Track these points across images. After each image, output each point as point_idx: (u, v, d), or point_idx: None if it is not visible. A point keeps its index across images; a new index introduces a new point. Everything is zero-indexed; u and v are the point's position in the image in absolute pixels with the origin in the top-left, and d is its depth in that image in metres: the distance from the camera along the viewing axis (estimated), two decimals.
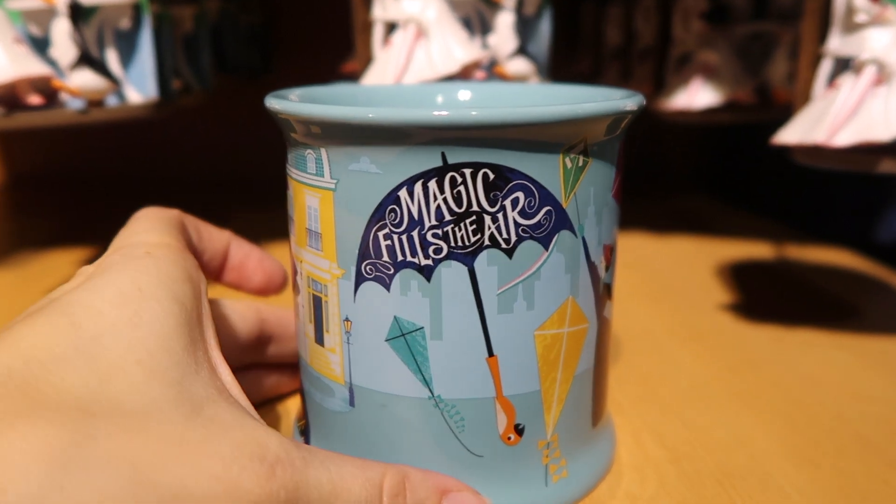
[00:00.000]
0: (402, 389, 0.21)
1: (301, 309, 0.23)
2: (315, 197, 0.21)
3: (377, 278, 0.20)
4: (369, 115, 0.18)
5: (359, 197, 0.20)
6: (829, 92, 0.28)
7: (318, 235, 0.21)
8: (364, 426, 0.21)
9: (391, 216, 0.19)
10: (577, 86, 0.26)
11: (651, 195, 0.64)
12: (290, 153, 0.22)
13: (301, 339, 0.23)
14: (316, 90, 0.25)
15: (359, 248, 0.20)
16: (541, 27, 0.37)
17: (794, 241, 0.50)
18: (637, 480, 0.24)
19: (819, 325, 0.36)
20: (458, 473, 0.21)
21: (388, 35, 0.35)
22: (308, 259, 0.21)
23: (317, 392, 0.23)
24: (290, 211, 0.22)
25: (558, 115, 0.18)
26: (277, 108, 0.20)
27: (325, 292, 0.21)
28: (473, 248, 0.19)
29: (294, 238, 0.22)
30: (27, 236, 0.52)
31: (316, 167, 0.20)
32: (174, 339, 0.18)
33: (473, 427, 0.21)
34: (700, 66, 0.44)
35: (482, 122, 0.18)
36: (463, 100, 0.28)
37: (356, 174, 0.19)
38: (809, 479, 0.24)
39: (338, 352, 0.21)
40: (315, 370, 0.22)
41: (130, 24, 0.35)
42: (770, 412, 0.28)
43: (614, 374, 0.31)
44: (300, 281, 0.22)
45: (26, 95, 0.31)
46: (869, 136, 0.26)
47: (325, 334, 0.22)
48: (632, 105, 0.20)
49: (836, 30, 0.28)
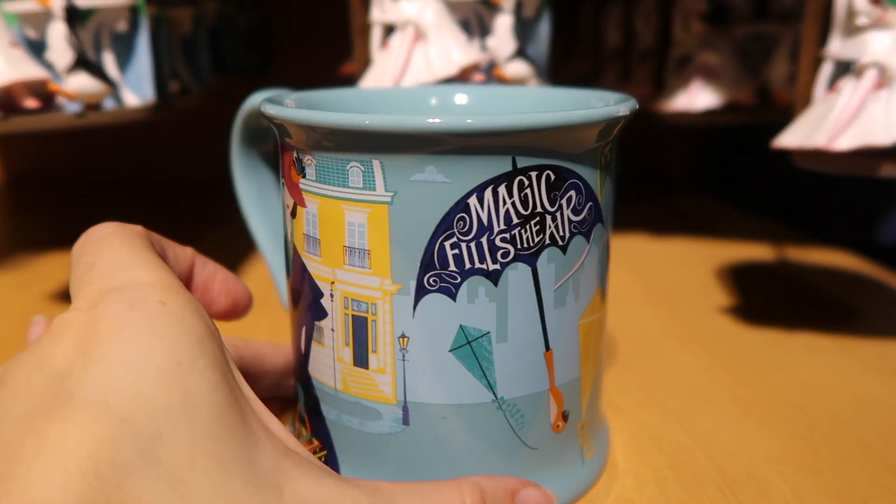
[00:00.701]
0: (464, 398, 0.21)
1: (329, 333, 0.21)
2: (361, 212, 0.19)
3: (442, 289, 0.20)
4: (467, 121, 0.18)
5: (422, 208, 0.19)
6: (829, 95, 0.28)
7: (364, 253, 0.20)
8: (419, 443, 0.21)
9: (459, 224, 0.19)
10: (577, 89, 0.26)
11: (651, 196, 0.64)
12: (311, 166, 0.20)
13: (321, 365, 0.22)
14: (312, 95, 0.25)
15: (421, 260, 0.19)
16: (540, 29, 0.37)
17: (794, 242, 0.50)
18: (635, 486, 0.24)
19: (819, 328, 0.36)
20: (516, 468, 0.21)
21: (387, 37, 0.35)
22: (347, 279, 0.20)
23: (353, 418, 0.21)
24: (309, 230, 0.21)
25: (617, 113, 0.20)
26: (321, 120, 0.19)
27: (374, 311, 0.20)
28: (536, 249, 0.20)
29: (320, 259, 0.21)
30: (25, 237, 0.52)
31: (364, 180, 0.19)
32: (230, 414, 0.16)
33: (530, 421, 0.21)
34: (700, 67, 0.43)
35: (555, 123, 0.19)
36: (460, 103, 0.28)
37: (419, 185, 0.19)
38: (811, 485, 0.24)
39: (389, 371, 0.21)
40: (352, 395, 0.21)
41: (127, 27, 0.35)
42: (770, 416, 0.28)
43: (612, 378, 0.31)
44: (329, 304, 0.21)
45: (22, 99, 0.31)
46: (870, 140, 0.26)
47: (370, 356, 0.21)
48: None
49: (837, 32, 0.28)
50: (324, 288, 0.21)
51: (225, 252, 0.49)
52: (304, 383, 0.23)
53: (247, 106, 0.25)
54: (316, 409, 0.23)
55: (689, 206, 0.61)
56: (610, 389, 0.30)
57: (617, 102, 0.21)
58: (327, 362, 0.22)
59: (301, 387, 0.23)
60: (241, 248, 0.48)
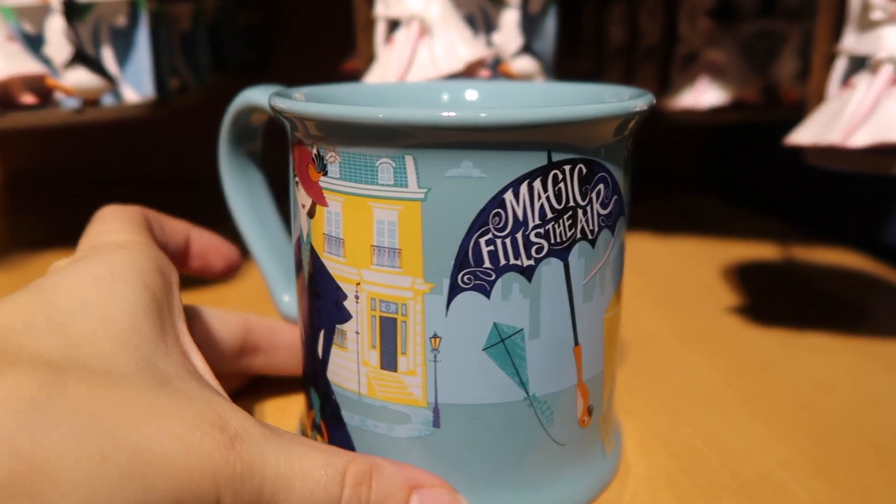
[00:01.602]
0: (497, 397, 0.20)
1: (353, 336, 0.21)
2: (392, 210, 0.19)
3: (476, 287, 0.19)
4: (510, 114, 0.17)
5: (457, 204, 0.19)
6: (843, 91, 0.28)
7: (394, 252, 0.19)
8: (449, 444, 0.21)
9: (495, 220, 0.19)
10: (586, 84, 0.25)
11: (656, 195, 0.64)
12: (335, 164, 0.19)
13: (342, 370, 0.21)
14: (318, 90, 0.25)
15: (455, 258, 0.19)
16: (546, 25, 0.36)
17: (800, 242, 0.50)
18: (649, 490, 0.23)
19: (828, 329, 0.36)
20: (546, 465, 0.21)
21: (391, 33, 0.34)
22: (375, 280, 0.20)
23: (378, 423, 0.21)
24: (330, 230, 0.20)
25: (644, 105, 0.20)
26: (351, 116, 0.18)
27: (404, 312, 0.20)
28: (569, 243, 0.20)
29: (344, 260, 0.20)
30: (23, 236, 0.51)
31: (395, 177, 0.19)
32: (144, 322, 0.19)
33: (559, 417, 0.21)
34: (706, 64, 0.43)
35: (593, 115, 0.18)
36: (470, 99, 0.27)
37: (454, 180, 0.18)
38: (826, 488, 0.23)
39: (419, 373, 0.20)
40: (378, 399, 0.21)
41: (127, 22, 0.34)
42: (782, 419, 0.27)
43: (621, 379, 0.30)
44: (354, 306, 0.20)
45: (20, 95, 0.30)
46: (886, 137, 0.25)
47: (399, 358, 0.20)
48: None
49: (851, 28, 0.28)
50: (347, 290, 0.20)
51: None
52: (322, 390, 0.22)
53: (237, 103, 0.25)
54: (335, 415, 0.22)
55: (695, 205, 0.61)
56: (619, 391, 0.30)
57: (633, 97, 0.21)
58: (350, 367, 0.21)
59: (316, 394, 0.22)
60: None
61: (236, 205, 0.27)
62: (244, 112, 0.25)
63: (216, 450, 0.17)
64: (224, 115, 0.26)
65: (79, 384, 0.16)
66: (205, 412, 0.17)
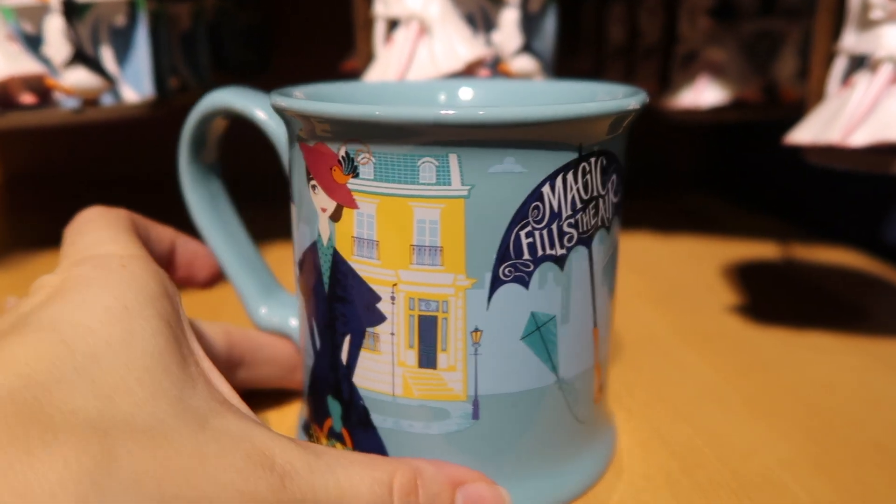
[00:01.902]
0: (532, 383, 0.21)
1: (387, 338, 0.20)
2: (434, 209, 0.19)
3: (517, 278, 0.20)
4: (554, 109, 0.18)
5: (499, 199, 0.19)
6: (843, 90, 0.28)
7: (435, 250, 0.19)
8: (488, 434, 0.21)
9: (534, 213, 0.19)
10: (581, 82, 0.26)
11: (656, 194, 0.64)
12: (368, 165, 0.19)
13: (373, 374, 0.21)
14: (316, 89, 0.25)
15: (497, 251, 0.19)
16: (546, 24, 0.36)
17: (800, 240, 0.50)
18: (648, 489, 0.23)
19: (829, 328, 0.36)
20: (572, 443, 0.23)
21: (390, 32, 0.34)
22: (414, 279, 0.20)
23: (415, 422, 0.21)
24: (362, 232, 0.20)
25: (646, 100, 0.21)
26: (394, 116, 0.18)
27: (445, 309, 0.20)
28: (592, 231, 0.21)
29: (378, 262, 0.20)
30: (22, 236, 0.51)
31: (437, 176, 0.19)
32: (167, 357, 0.18)
33: (581, 398, 0.22)
34: (706, 63, 0.43)
35: (618, 109, 0.19)
36: (465, 98, 0.27)
37: (497, 176, 0.19)
38: (827, 488, 0.23)
39: (459, 368, 0.20)
40: (415, 399, 0.21)
41: (126, 21, 0.34)
42: (783, 418, 0.27)
43: (621, 378, 0.30)
44: (390, 307, 0.20)
45: (19, 94, 0.30)
46: (886, 136, 0.25)
47: (438, 355, 0.20)
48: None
49: (851, 27, 0.28)
50: (382, 292, 0.20)
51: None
52: (345, 397, 0.22)
53: (205, 107, 0.24)
54: (363, 420, 0.22)
55: (695, 204, 0.61)
56: (619, 390, 0.29)
57: (628, 94, 0.22)
58: (383, 369, 0.21)
59: (336, 401, 0.22)
60: None
61: (202, 217, 0.26)
62: (210, 116, 0.24)
63: (270, 493, 0.16)
64: (185, 120, 0.25)
65: (128, 445, 0.15)
66: (251, 453, 0.17)
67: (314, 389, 0.23)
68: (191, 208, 0.26)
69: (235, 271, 0.26)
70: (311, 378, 0.23)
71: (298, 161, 0.21)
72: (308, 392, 0.24)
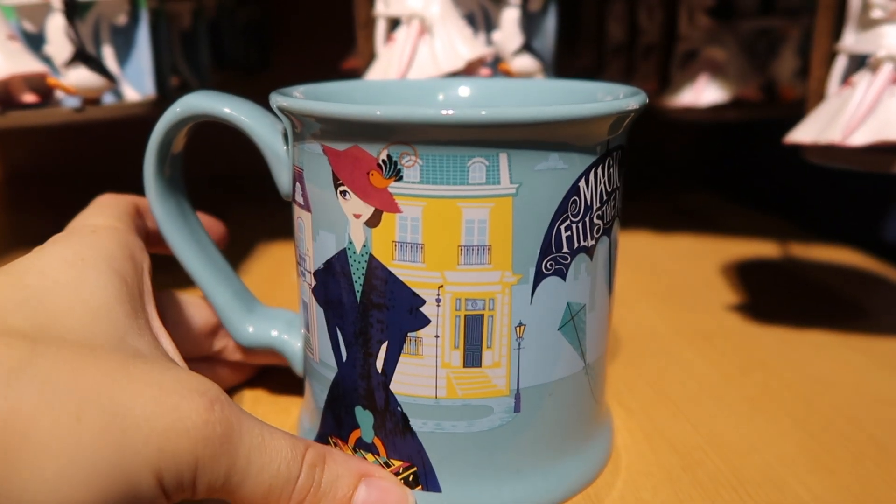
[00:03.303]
0: (566, 371, 0.22)
1: (431, 341, 0.20)
2: (483, 208, 0.19)
3: (557, 271, 0.20)
4: (598, 105, 0.19)
5: (544, 195, 0.20)
6: (843, 90, 0.28)
7: (483, 249, 0.20)
8: (528, 426, 0.22)
9: (572, 207, 0.20)
10: (577, 81, 0.26)
11: (655, 193, 0.64)
12: (414, 167, 0.19)
13: (414, 378, 0.21)
14: (314, 88, 0.25)
15: (541, 246, 0.20)
16: (546, 23, 0.36)
17: (799, 239, 0.50)
18: (649, 487, 0.23)
19: (828, 326, 0.36)
20: (594, 424, 0.24)
21: (391, 31, 0.34)
22: (461, 280, 0.20)
23: (458, 422, 0.21)
24: (405, 237, 0.20)
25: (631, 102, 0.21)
26: (457, 118, 0.18)
27: (492, 306, 0.20)
28: (611, 222, 0.22)
29: (423, 265, 0.20)
30: (23, 234, 0.51)
31: (487, 175, 0.19)
32: (115, 306, 0.19)
33: (600, 380, 0.24)
34: (706, 62, 0.43)
35: (639, 105, 0.21)
36: (463, 96, 0.27)
37: (542, 173, 0.19)
38: (827, 485, 0.23)
39: (503, 363, 0.21)
40: (459, 399, 0.21)
41: (127, 20, 0.34)
42: (783, 416, 0.28)
43: (622, 376, 0.31)
44: (434, 310, 0.20)
45: (20, 93, 0.30)
46: (886, 136, 0.25)
47: (484, 353, 0.20)
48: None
49: (851, 26, 0.28)
50: (426, 295, 0.20)
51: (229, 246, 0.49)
52: (379, 405, 0.21)
53: (178, 113, 0.23)
54: (401, 427, 0.21)
55: (694, 203, 0.61)
56: (619, 388, 0.30)
57: (628, 93, 0.22)
58: (426, 373, 0.21)
59: (367, 412, 0.22)
60: (240, 242, 0.47)
61: (174, 233, 0.24)
62: (184, 123, 0.23)
63: (195, 411, 0.17)
64: (153, 128, 0.23)
65: (55, 352, 0.16)
66: (183, 379, 0.18)
67: (336, 403, 0.22)
68: (161, 224, 0.24)
69: (214, 289, 0.25)
70: (333, 391, 0.22)
71: (318, 167, 0.20)
72: (326, 406, 0.23)
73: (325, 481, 0.19)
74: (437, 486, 0.22)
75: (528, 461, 0.22)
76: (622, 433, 0.26)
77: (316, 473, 0.19)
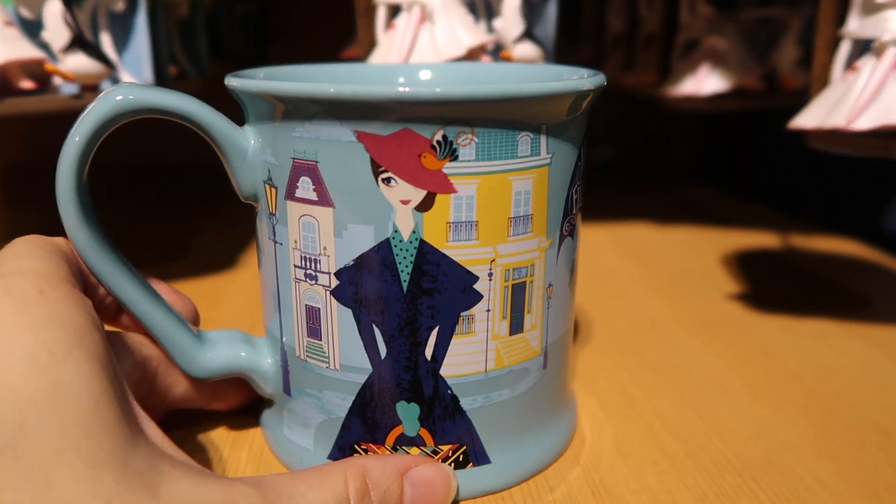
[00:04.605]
0: (570, 323, 0.24)
1: (482, 316, 0.21)
2: (527, 179, 0.20)
3: (570, 232, 0.22)
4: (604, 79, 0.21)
5: (566, 163, 0.21)
6: (847, 75, 0.27)
7: (527, 219, 0.21)
8: (552, 379, 0.23)
9: (578, 171, 0.22)
10: (530, 64, 0.28)
11: (655, 185, 0.64)
12: (470, 146, 0.19)
13: (464, 359, 0.21)
14: (278, 70, 0.25)
15: (563, 210, 0.22)
16: (547, 11, 0.36)
17: (799, 231, 0.50)
18: (654, 474, 0.23)
19: (830, 315, 0.36)
20: (571, 361, 0.25)
21: (392, 19, 0.34)
22: (510, 251, 0.20)
23: (503, 390, 0.22)
24: (459, 216, 0.20)
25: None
26: (541, 90, 0.19)
27: (532, 272, 0.21)
28: (581, 185, 0.23)
29: (477, 242, 0.20)
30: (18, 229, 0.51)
31: (531, 148, 0.20)
32: (107, 409, 0.15)
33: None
34: (707, 51, 0.43)
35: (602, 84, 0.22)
36: (424, 79, 0.28)
37: (566, 142, 0.21)
38: (830, 470, 0.23)
39: (538, 325, 0.22)
40: (505, 367, 0.21)
41: (125, 7, 0.34)
42: (786, 402, 0.28)
43: (626, 365, 0.30)
44: (486, 285, 0.20)
45: (18, 80, 0.30)
46: (890, 120, 0.25)
47: (525, 318, 0.21)
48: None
49: (855, 11, 0.28)
50: (479, 271, 0.20)
51: (223, 239, 0.49)
52: (427, 393, 0.21)
53: (112, 107, 0.19)
54: (452, 410, 0.21)
55: (693, 195, 0.61)
56: (623, 377, 0.30)
57: (588, 74, 0.23)
58: (476, 349, 0.21)
59: (413, 403, 0.21)
60: (238, 235, 0.47)
61: (101, 260, 0.20)
62: (119, 118, 0.20)
63: None
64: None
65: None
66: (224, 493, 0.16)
67: (369, 405, 0.21)
68: (85, 253, 0.20)
69: (160, 319, 0.22)
70: (364, 395, 0.21)
71: (347, 156, 0.19)
72: (350, 413, 0.22)
73: (377, 502, 0.19)
74: (487, 458, 0.22)
75: (551, 413, 0.24)
76: (626, 421, 0.26)
77: (366, 503, 0.19)
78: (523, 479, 0.22)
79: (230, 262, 0.43)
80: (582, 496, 0.22)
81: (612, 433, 0.25)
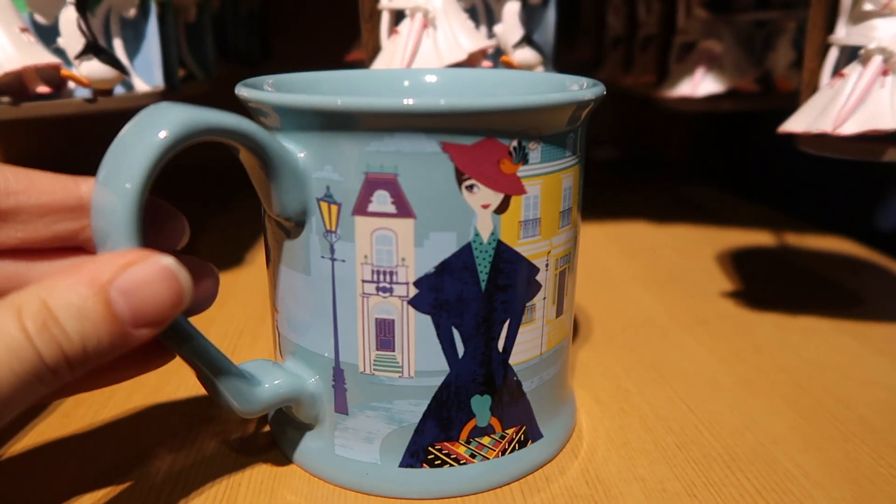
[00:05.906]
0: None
1: (540, 304, 0.23)
2: (570, 176, 0.22)
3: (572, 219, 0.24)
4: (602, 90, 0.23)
5: (582, 159, 0.23)
6: (835, 81, 0.28)
7: (569, 212, 0.23)
8: (571, 355, 0.26)
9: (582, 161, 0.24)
10: (530, 72, 0.29)
11: (652, 184, 0.65)
12: (537, 150, 0.21)
13: (527, 346, 0.23)
14: (286, 78, 0.25)
15: (579, 202, 0.24)
16: (547, 16, 0.37)
17: (794, 228, 0.51)
18: (646, 464, 0.24)
19: (822, 312, 0.37)
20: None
21: (395, 24, 0.35)
22: (560, 241, 0.23)
23: (549, 370, 0.24)
24: (528, 215, 0.21)
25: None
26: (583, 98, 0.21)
27: (569, 259, 0.24)
28: None
29: (539, 237, 0.22)
30: None
31: (575, 146, 0.22)
32: None
33: None
34: (703, 54, 0.44)
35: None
36: (430, 82, 0.29)
37: (583, 141, 0.23)
38: (816, 462, 0.24)
39: (570, 307, 0.25)
40: (552, 348, 0.24)
41: (136, 13, 0.35)
42: (776, 397, 0.29)
43: (620, 360, 0.31)
44: (544, 275, 0.22)
45: (34, 84, 0.31)
46: (875, 126, 0.26)
47: (564, 300, 0.24)
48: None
49: (843, 19, 0.29)
50: (539, 263, 0.22)
51: (228, 238, 0.50)
52: (498, 383, 0.22)
53: (187, 125, 0.18)
54: (516, 395, 0.23)
55: (690, 194, 0.62)
56: (618, 372, 0.31)
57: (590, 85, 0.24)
58: (535, 335, 0.23)
59: (486, 395, 0.22)
60: (245, 233, 0.48)
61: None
62: (178, 143, 0.18)
63: None
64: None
65: None
66: None
67: (445, 406, 0.22)
68: None
69: (214, 357, 0.20)
70: (441, 396, 0.22)
71: (431, 167, 0.20)
72: (424, 417, 0.22)
73: (72, 330, 0.15)
74: (540, 433, 0.24)
75: (569, 387, 0.26)
76: (620, 414, 0.27)
77: (54, 334, 0.15)
78: (563, 446, 0.25)
79: (236, 261, 0.44)
80: (576, 485, 0.23)
81: (607, 425, 0.26)
